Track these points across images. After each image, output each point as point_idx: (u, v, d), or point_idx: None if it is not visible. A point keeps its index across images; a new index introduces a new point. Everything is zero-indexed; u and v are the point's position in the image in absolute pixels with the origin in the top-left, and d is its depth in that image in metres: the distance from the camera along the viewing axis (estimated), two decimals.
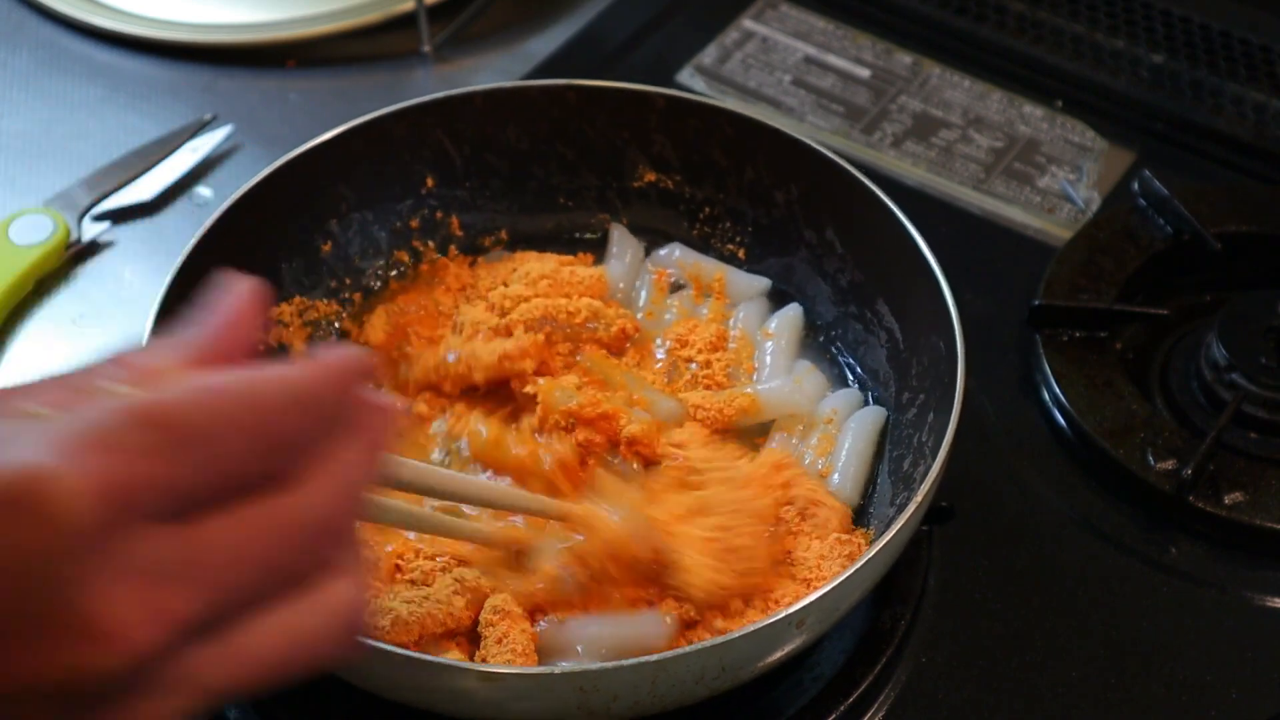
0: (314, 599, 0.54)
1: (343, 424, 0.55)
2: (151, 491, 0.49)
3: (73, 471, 0.47)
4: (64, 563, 0.47)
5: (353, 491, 0.55)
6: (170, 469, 0.49)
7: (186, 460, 0.50)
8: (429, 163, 1.09)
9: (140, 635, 0.48)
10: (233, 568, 0.51)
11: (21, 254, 1.13)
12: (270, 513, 0.52)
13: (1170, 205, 1.14)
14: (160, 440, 0.49)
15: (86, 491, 0.47)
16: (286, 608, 0.53)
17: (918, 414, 0.97)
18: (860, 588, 0.85)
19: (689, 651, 0.78)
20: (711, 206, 1.11)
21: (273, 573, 0.52)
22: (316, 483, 0.53)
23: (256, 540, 0.52)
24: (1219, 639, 0.96)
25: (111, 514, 0.47)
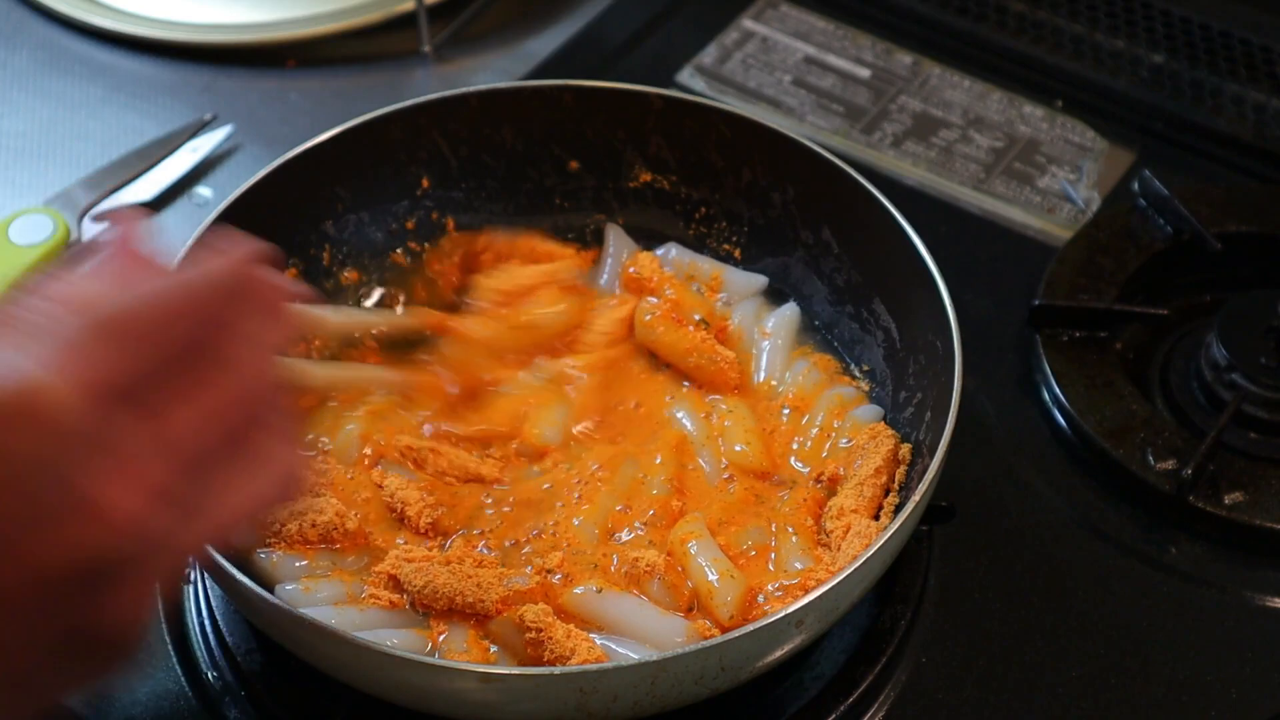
0: (258, 460, 0.63)
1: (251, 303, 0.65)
2: (121, 383, 0.57)
3: (60, 378, 0.55)
4: (65, 458, 0.55)
5: (269, 356, 0.65)
6: (131, 361, 0.58)
7: (141, 352, 0.58)
8: (425, 164, 1.09)
9: (132, 508, 0.56)
10: (194, 437, 0.60)
11: (21, 254, 1.13)
12: (210, 383, 0.62)
13: (1170, 205, 1.14)
14: (119, 340, 0.58)
15: (74, 393, 0.55)
16: (238, 471, 0.62)
17: (915, 412, 0.97)
18: (860, 586, 0.85)
19: (688, 652, 0.78)
20: (708, 207, 1.11)
21: (224, 437, 0.62)
22: (241, 356, 0.63)
23: (207, 411, 0.61)
24: (1219, 639, 0.96)
25: (95, 408, 0.56)
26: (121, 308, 0.59)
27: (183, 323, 0.61)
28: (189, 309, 0.61)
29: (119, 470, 0.56)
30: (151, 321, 0.60)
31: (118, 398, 0.57)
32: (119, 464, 0.56)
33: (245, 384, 0.63)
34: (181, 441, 0.59)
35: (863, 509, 0.92)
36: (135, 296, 0.60)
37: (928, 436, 0.94)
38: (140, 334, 0.59)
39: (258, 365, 0.64)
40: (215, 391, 0.62)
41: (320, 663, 0.83)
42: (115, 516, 0.55)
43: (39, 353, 0.56)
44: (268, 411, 0.65)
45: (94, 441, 0.56)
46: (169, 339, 0.60)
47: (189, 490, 0.59)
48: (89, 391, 0.56)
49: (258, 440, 0.64)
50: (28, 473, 0.54)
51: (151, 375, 0.59)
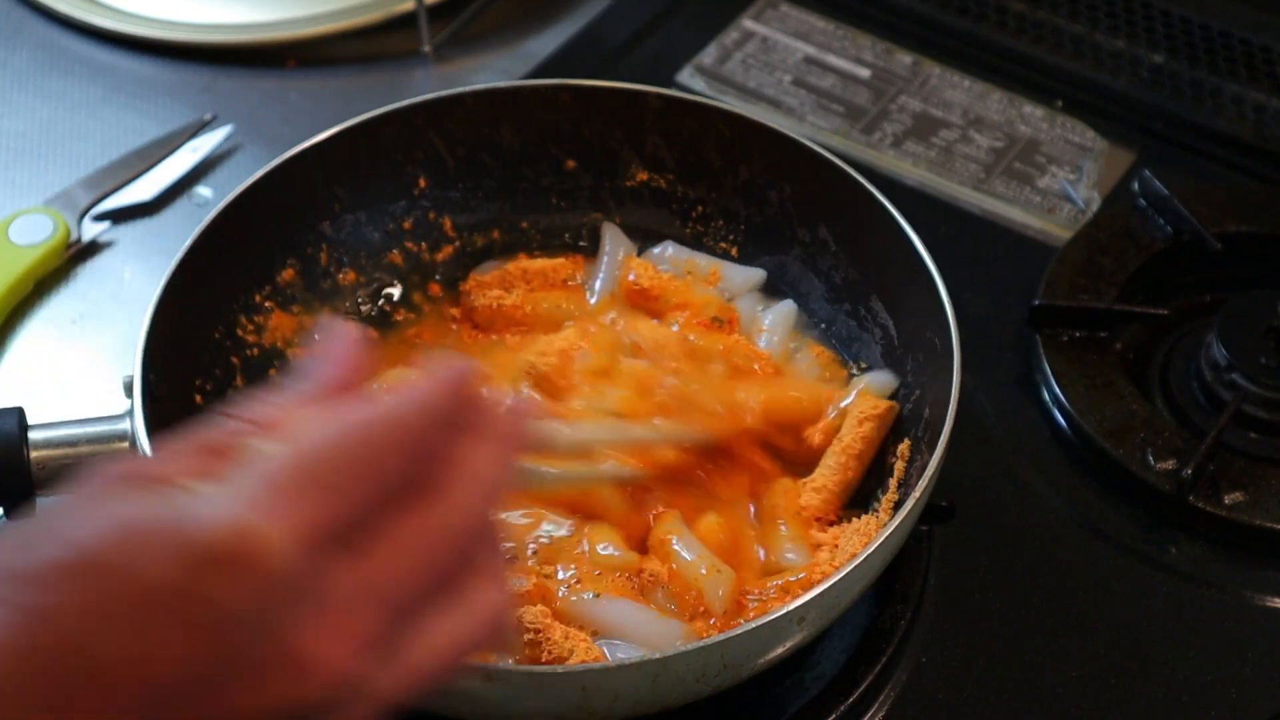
0: (467, 604, 0.58)
1: (472, 429, 0.60)
2: (331, 528, 0.53)
3: (272, 523, 0.51)
4: (275, 610, 0.52)
5: (488, 490, 0.60)
6: (342, 504, 0.54)
7: (352, 493, 0.55)
8: (421, 164, 1.09)
9: (339, 662, 0.53)
10: (401, 583, 0.56)
11: (21, 254, 1.13)
12: (422, 524, 0.57)
13: (1170, 205, 1.14)
14: (330, 480, 0.54)
15: (287, 541, 0.52)
16: (445, 615, 0.58)
17: (913, 409, 0.97)
18: (861, 582, 0.85)
19: (691, 649, 0.78)
20: (704, 205, 1.11)
21: (431, 580, 0.57)
22: (456, 488, 0.58)
23: (415, 553, 0.57)
24: (1219, 639, 0.96)
25: (307, 557, 0.52)
26: (330, 442, 0.55)
27: (396, 458, 0.56)
28: (403, 443, 0.57)
29: (328, 623, 0.53)
30: (363, 458, 0.55)
31: (328, 544, 0.53)
32: (328, 614, 0.53)
33: (458, 521, 0.58)
34: (391, 585, 0.56)
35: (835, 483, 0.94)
36: (346, 429, 0.56)
37: (926, 433, 0.94)
38: (352, 473, 0.55)
39: (472, 499, 0.59)
40: (427, 531, 0.57)
41: None
42: (321, 670, 0.53)
43: (249, 493, 0.52)
44: (480, 549, 0.60)
45: (304, 593, 0.52)
46: (381, 477, 0.56)
47: (396, 636, 0.56)
48: (301, 539, 0.52)
49: (467, 580, 0.59)
50: (236, 623, 0.51)
51: (361, 515, 0.55)
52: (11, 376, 1.09)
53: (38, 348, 1.11)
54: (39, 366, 1.10)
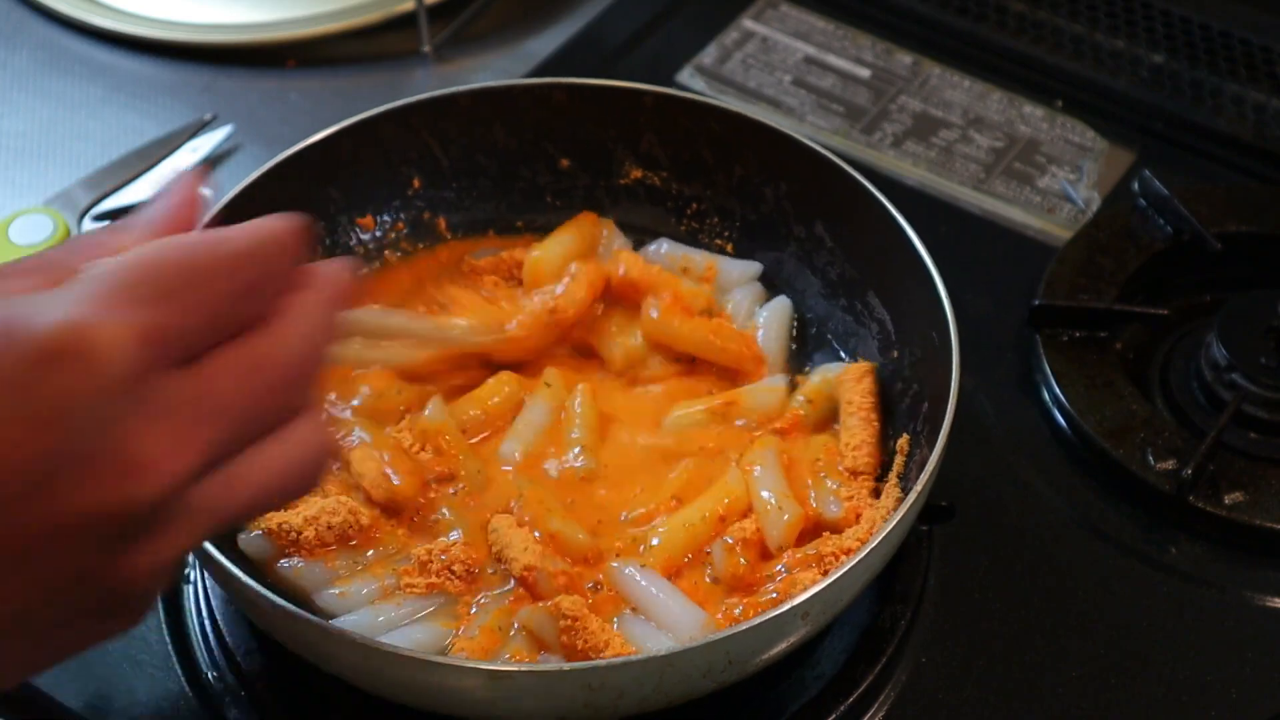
0: (293, 435, 0.60)
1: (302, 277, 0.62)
2: (170, 336, 0.55)
3: (112, 322, 0.52)
4: (110, 406, 0.52)
5: (317, 336, 0.62)
6: (182, 312, 0.55)
7: (190, 305, 0.56)
8: (416, 164, 1.09)
9: (171, 467, 0.54)
10: (234, 404, 0.57)
11: (21, 254, 1.13)
12: (256, 354, 0.59)
13: (1170, 205, 1.14)
14: (169, 287, 0.55)
15: (126, 340, 0.53)
16: (272, 443, 0.60)
17: (911, 404, 0.97)
18: (865, 576, 0.85)
19: (696, 646, 0.78)
20: (699, 203, 1.11)
21: (261, 408, 0.59)
22: (286, 326, 0.60)
23: (249, 378, 0.58)
24: (1219, 639, 0.96)
25: (145, 357, 0.53)
26: (167, 255, 0.56)
27: (228, 279, 0.58)
28: (236, 266, 0.58)
29: (164, 425, 0.54)
30: (197, 273, 0.57)
31: (167, 349, 0.55)
32: (164, 418, 0.54)
33: (286, 355, 0.60)
34: (226, 406, 0.57)
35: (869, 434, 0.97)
36: (181, 245, 0.57)
37: (925, 427, 0.94)
38: (185, 284, 0.56)
39: (301, 339, 0.61)
40: (256, 359, 0.59)
41: (328, 665, 0.83)
42: (153, 472, 0.53)
43: (85, 295, 0.53)
44: (305, 390, 0.62)
45: (141, 392, 0.53)
46: (223, 292, 0.57)
47: (226, 458, 0.57)
48: (139, 339, 0.53)
49: (292, 416, 0.61)
50: (70, 415, 0.52)
51: (201, 330, 0.57)
52: None
53: None
54: None
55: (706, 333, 1.03)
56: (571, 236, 1.07)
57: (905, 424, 0.97)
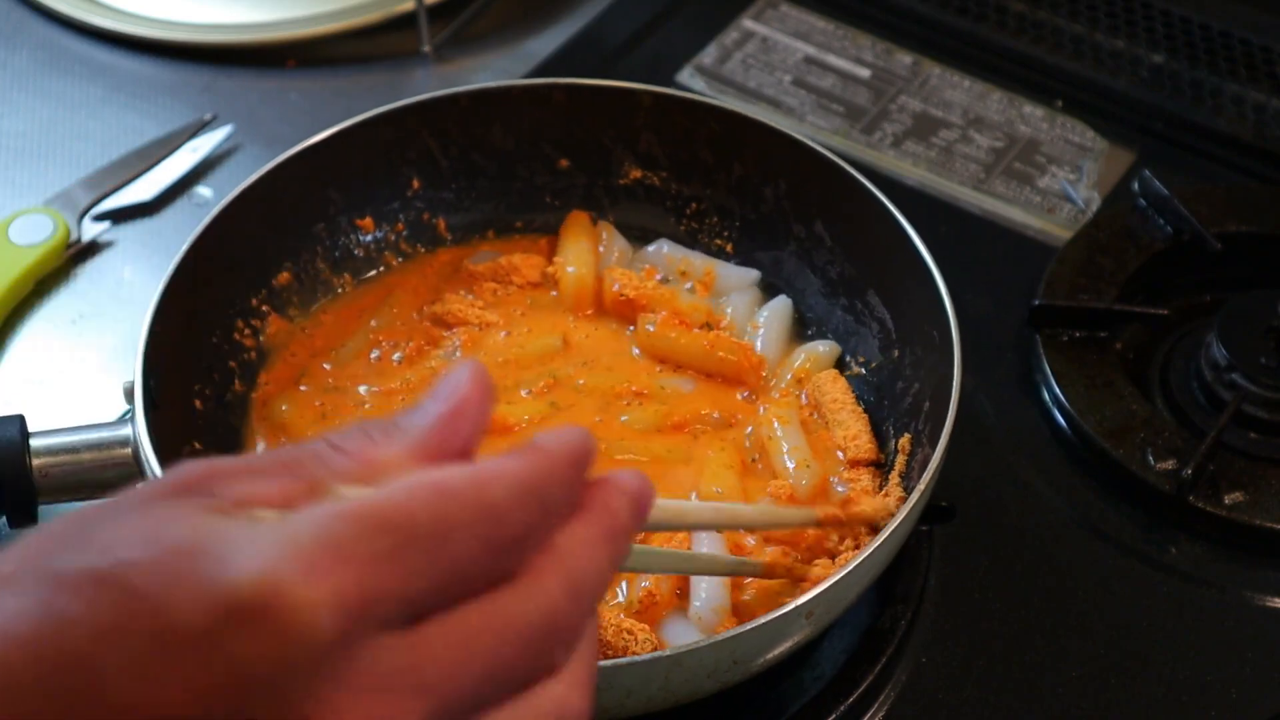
0: (538, 701, 0.50)
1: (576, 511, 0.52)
2: (384, 603, 0.47)
3: (310, 584, 0.45)
4: (298, 677, 0.45)
5: (583, 585, 0.51)
6: (402, 578, 0.47)
7: (418, 567, 0.47)
8: (415, 164, 1.08)
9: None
10: (457, 675, 0.48)
11: (21, 254, 1.13)
12: (495, 613, 0.49)
13: (1170, 205, 1.14)
14: (392, 547, 0.47)
15: (324, 605, 0.45)
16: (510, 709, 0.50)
17: (913, 402, 0.97)
18: (868, 575, 0.85)
19: (702, 645, 0.79)
20: (699, 202, 1.11)
21: (497, 678, 0.49)
22: (544, 577, 0.50)
23: (481, 644, 0.49)
24: (1219, 639, 0.96)
25: (346, 627, 0.46)
26: (406, 500, 0.47)
27: (473, 539, 0.48)
28: (486, 522, 0.48)
29: (354, 703, 0.46)
30: (436, 531, 0.47)
31: (374, 619, 0.46)
32: (356, 696, 0.46)
33: (538, 618, 0.49)
34: (440, 678, 0.48)
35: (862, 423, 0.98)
36: (424, 492, 0.48)
37: (927, 426, 0.94)
38: (418, 545, 0.47)
39: (560, 594, 0.50)
40: (496, 623, 0.49)
41: None
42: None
43: (300, 544, 0.46)
44: (562, 654, 0.51)
45: (333, 666, 0.46)
46: (452, 557, 0.48)
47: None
48: (340, 608, 0.45)
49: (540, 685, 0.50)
50: (250, 681, 0.45)
51: (432, 593, 0.48)
52: (11, 376, 1.09)
53: (38, 348, 1.11)
54: (39, 366, 1.10)
55: (704, 344, 1.02)
56: (585, 244, 1.08)
57: (907, 423, 0.97)
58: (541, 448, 0.51)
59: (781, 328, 1.04)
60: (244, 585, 0.45)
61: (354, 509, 0.47)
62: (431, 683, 0.47)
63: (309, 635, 0.45)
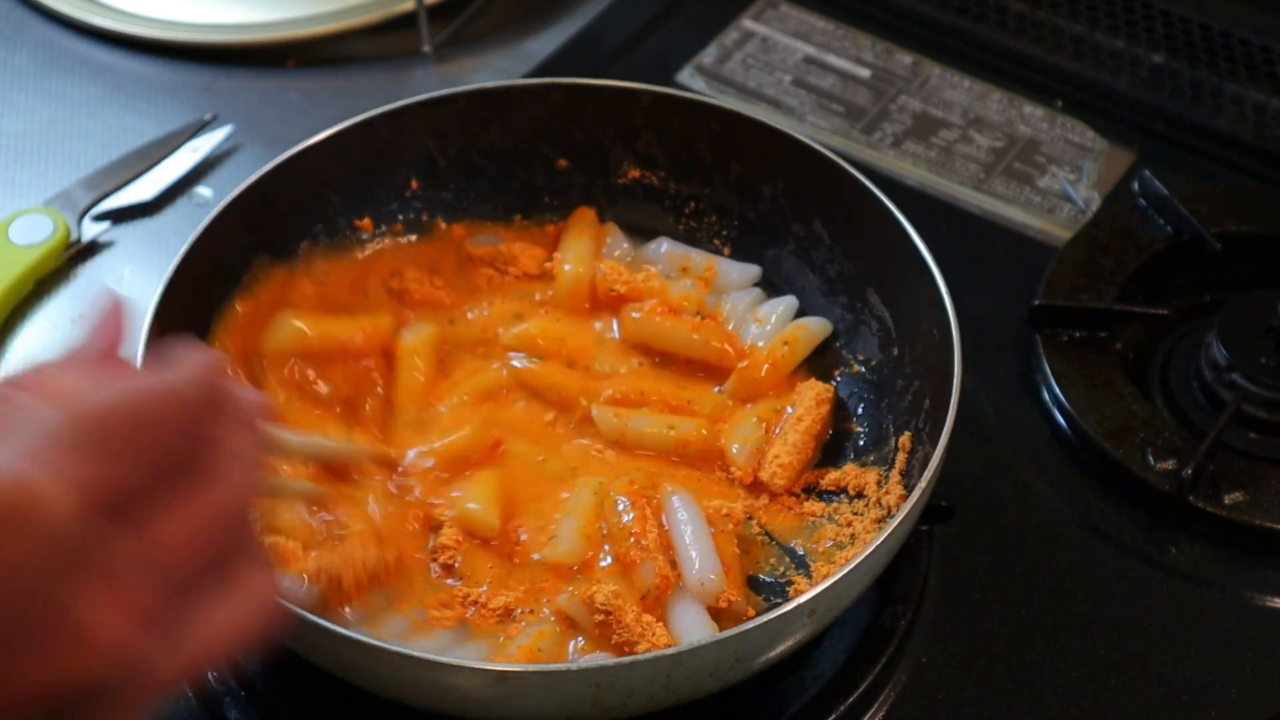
0: (240, 587, 0.58)
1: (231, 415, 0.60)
2: (113, 489, 0.52)
3: (52, 480, 0.49)
4: (54, 572, 0.49)
5: (251, 473, 0.60)
6: (121, 467, 0.53)
7: (131, 457, 0.54)
8: (413, 165, 1.09)
9: (120, 632, 0.51)
10: (182, 557, 0.55)
11: (21, 254, 1.13)
12: (204, 503, 0.57)
13: (1170, 205, 1.14)
14: (109, 441, 0.53)
15: (67, 496, 0.50)
16: (219, 598, 0.58)
17: (913, 400, 0.97)
18: (869, 574, 0.86)
19: (704, 644, 0.79)
20: (697, 201, 1.11)
21: (206, 560, 0.57)
22: (225, 472, 0.59)
23: (195, 530, 0.56)
24: (1219, 639, 0.96)
25: (87, 517, 0.50)
26: (109, 405, 0.54)
27: (171, 427, 0.56)
28: (176, 414, 0.57)
29: (109, 590, 0.51)
30: (140, 423, 0.55)
31: (108, 507, 0.52)
32: (109, 583, 0.51)
33: (232, 501, 0.59)
34: (170, 562, 0.55)
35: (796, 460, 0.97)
36: (121, 395, 0.55)
37: (927, 424, 0.94)
38: (130, 436, 0.54)
39: (239, 482, 0.59)
40: (203, 508, 0.57)
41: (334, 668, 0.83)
42: (102, 641, 0.51)
43: (28, 448, 0.50)
44: (245, 533, 0.60)
45: (85, 555, 0.50)
46: (158, 444, 0.56)
47: (173, 616, 0.55)
48: (81, 499, 0.50)
49: (238, 563, 0.59)
50: (15, 583, 0.49)
51: (140, 484, 0.55)
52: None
53: (38, 348, 1.11)
54: None
55: (688, 329, 1.02)
56: (587, 242, 1.08)
57: (907, 420, 0.97)
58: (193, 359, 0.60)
59: (782, 325, 1.04)
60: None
61: (73, 413, 0.52)
62: (164, 564, 0.54)
63: (59, 524, 0.49)
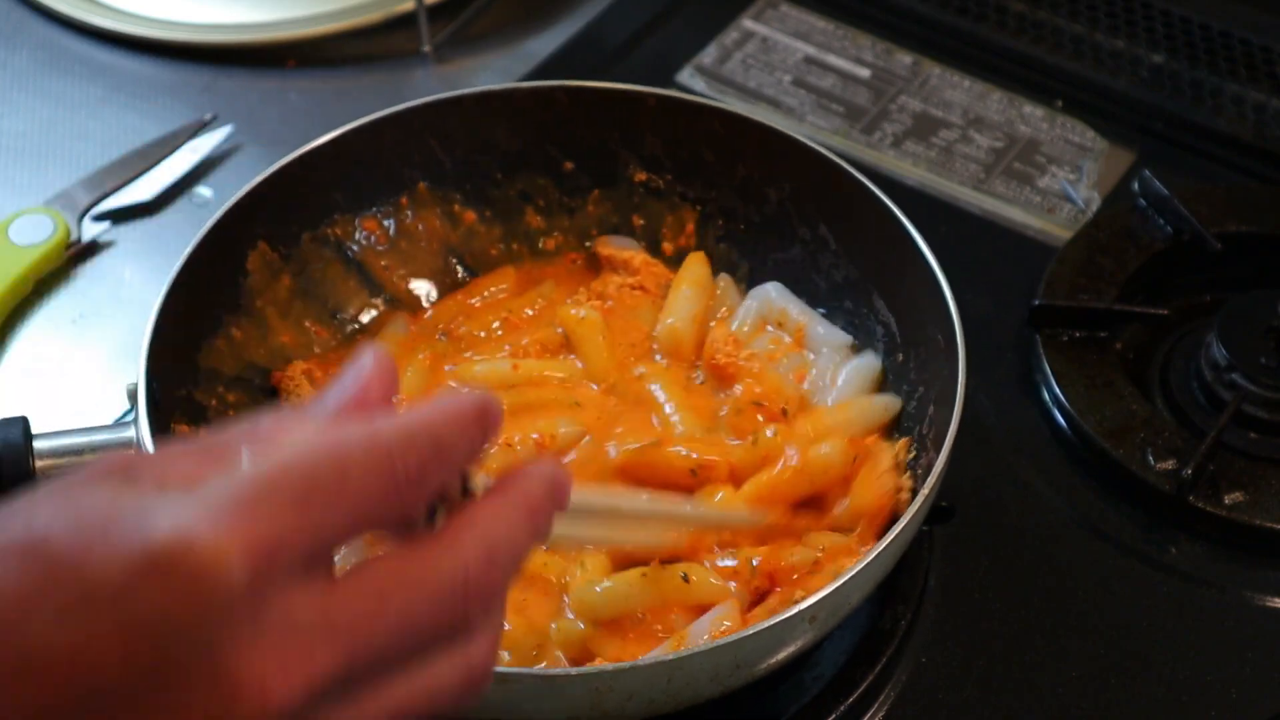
0: (450, 660, 0.53)
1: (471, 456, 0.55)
2: (293, 549, 0.49)
3: (219, 535, 0.48)
4: (212, 625, 0.48)
5: (498, 551, 0.54)
6: (307, 523, 0.50)
7: (321, 512, 0.50)
8: (419, 167, 1.08)
9: (276, 693, 0.49)
10: (368, 624, 0.51)
11: (21, 254, 1.13)
12: (408, 568, 0.52)
13: (1170, 205, 1.14)
14: (294, 496, 0.50)
15: (234, 554, 0.48)
16: (422, 669, 0.53)
17: (918, 406, 0.97)
18: (871, 580, 0.86)
19: (704, 650, 0.79)
20: (704, 205, 1.11)
21: (407, 632, 0.52)
22: (459, 539, 0.53)
23: (393, 596, 0.51)
24: (1219, 639, 0.96)
25: (257, 575, 0.49)
26: (303, 453, 0.51)
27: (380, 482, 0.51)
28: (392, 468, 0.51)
29: (272, 650, 0.49)
30: (341, 476, 0.50)
31: (288, 568, 0.49)
32: (273, 642, 0.49)
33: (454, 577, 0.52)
34: (356, 628, 0.51)
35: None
36: (328, 443, 0.51)
37: (931, 430, 0.94)
38: (325, 490, 0.50)
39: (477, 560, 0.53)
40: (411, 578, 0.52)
41: None
42: (255, 700, 0.48)
43: (211, 503, 0.49)
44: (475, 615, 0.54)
45: (249, 611, 0.48)
46: (360, 501, 0.51)
47: (350, 683, 0.51)
48: (255, 557, 0.48)
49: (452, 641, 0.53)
50: (167, 631, 0.48)
51: (339, 539, 0.51)
52: (11, 376, 1.09)
53: (38, 348, 1.11)
54: (39, 366, 1.10)
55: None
56: (689, 291, 1.05)
57: (910, 426, 0.97)
58: (435, 402, 0.54)
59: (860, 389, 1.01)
60: (157, 541, 0.47)
61: (257, 469, 0.50)
62: (342, 630, 0.50)
63: (222, 582, 0.48)
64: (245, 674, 0.48)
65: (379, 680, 0.52)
